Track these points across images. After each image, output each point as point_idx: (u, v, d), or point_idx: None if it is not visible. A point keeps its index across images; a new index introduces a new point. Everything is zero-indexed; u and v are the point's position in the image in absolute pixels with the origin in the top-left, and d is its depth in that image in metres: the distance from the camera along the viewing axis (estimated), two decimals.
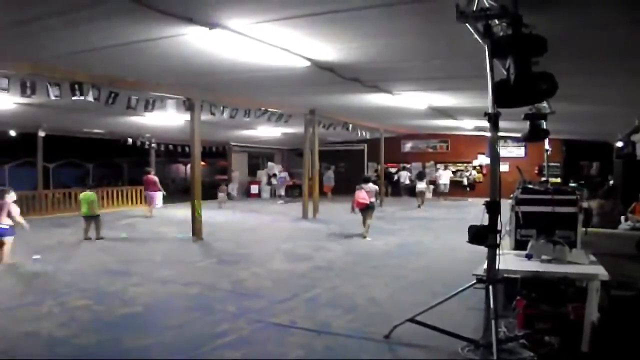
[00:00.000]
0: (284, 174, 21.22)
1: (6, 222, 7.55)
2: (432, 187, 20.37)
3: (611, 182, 13.10)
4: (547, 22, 4.17)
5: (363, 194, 10.18)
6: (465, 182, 20.71)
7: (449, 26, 4.05)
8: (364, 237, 10.18)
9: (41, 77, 7.43)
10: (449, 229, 11.36)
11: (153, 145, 18.95)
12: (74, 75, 7.71)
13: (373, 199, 10.39)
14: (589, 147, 18.22)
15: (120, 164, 29.17)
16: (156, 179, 14.69)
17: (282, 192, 20.61)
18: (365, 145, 22.41)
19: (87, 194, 10.22)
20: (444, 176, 20.09)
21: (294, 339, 4.41)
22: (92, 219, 10.06)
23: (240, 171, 23.10)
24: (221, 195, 17.99)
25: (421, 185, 17.66)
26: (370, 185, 10.57)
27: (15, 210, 7.74)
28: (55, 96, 7.68)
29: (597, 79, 7.37)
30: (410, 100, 11.09)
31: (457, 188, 20.42)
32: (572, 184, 8.94)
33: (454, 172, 21.25)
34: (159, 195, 14.76)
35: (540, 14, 4.11)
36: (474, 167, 21.55)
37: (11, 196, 7.72)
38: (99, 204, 10.64)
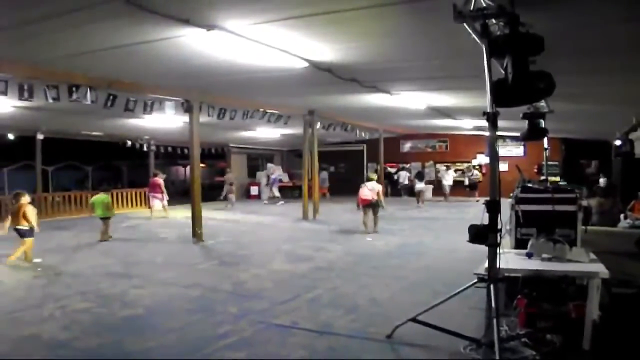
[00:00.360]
0: (275, 175, 21.01)
1: (25, 224, 7.80)
2: (431, 186, 20.32)
3: (601, 180, 13.11)
4: (544, 21, 4.17)
5: (366, 192, 10.72)
6: (467, 182, 20.21)
7: (447, 26, 4.06)
8: (375, 232, 10.75)
9: (39, 79, 7.43)
10: (449, 228, 11.37)
11: (152, 147, 18.95)
12: (72, 77, 7.71)
13: (376, 197, 10.75)
14: (588, 145, 18.23)
15: (119, 167, 29.18)
16: (161, 181, 14.79)
17: (276, 193, 20.12)
18: (365, 145, 22.43)
19: (100, 196, 10.50)
20: (448, 176, 19.87)
21: (296, 339, 4.41)
22: (105, 220, 10.35)
23: (239, 172, 23.02)
24: (230, 196, 18.11)
25: (420, 185, 17.88)
26: (374, 184, 10.97)
27: (31, 212, 7.93)
28: (53, 99, 7.68)
29: (595, 77, 7.38)
30: (409, 100, 11.10)
31: (459, 188, 20.10)
32: (562, 183, 8.92)
33: (455, 172, 20.85)
34: (162, 197, 14.81)
35: (537, 13, 4.12)
36: (474, 167, 21.25)
37: (26, 198, 8.00)
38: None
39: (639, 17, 4.55)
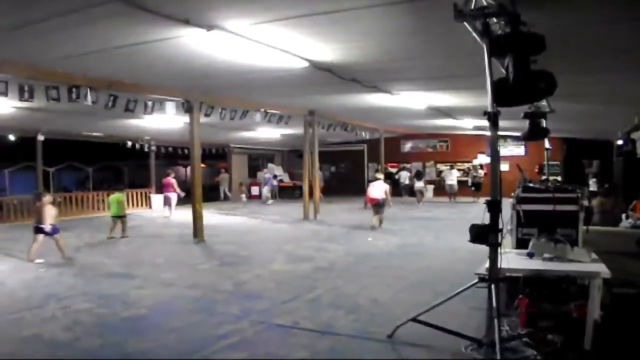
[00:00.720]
0: (268, 175, 20.94)
1: (49, 222, 8.01)
2: (432, 186, 20.26)
3: (591, 182, 13.09)
4: (545, 20, 4.16)
5: (373, 191, 11.43)
6: (470, 182, 19.87)
7: (448, 25, 4.05)
8: (381, 225, 11.42)
9: (39, 80, 7.43)
10: (450, 228, 11.36)
11: (153, 148, 18.97)
12: (72, 78, 7.71)
13: (383, 196, 11.25)
14: (590, 145, 18.18)
15: (120, 167, 29.17)
16: (173, 181, 15.02)
17: (266, 193, 20.06)
18: (365, 145, 22.42)
19: (117, 195, 10.92)
20: (452, 176, 19.67)
21: (297, 339, 4.41)
22: (120, 218, 10.70)
23: (240, 172, 23.01)
24: (242, 196, 18.21)
25: (419, 184, 18.39)
26: (380, 183, 11.57)
27: (49, 212, 8.08)
28: (53, 99, 7.69)
29: (597, 76, 7.37)
30: (410, 100, 11.09)
31: (464, 188, 19.78)
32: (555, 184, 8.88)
33: (458, 171, 20.58)
34: (174, 196, 15.10)
35: (538, 12, 4.11)
36: (480, 166, 20.67)
37: (47, 198, 8.27)
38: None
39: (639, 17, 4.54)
